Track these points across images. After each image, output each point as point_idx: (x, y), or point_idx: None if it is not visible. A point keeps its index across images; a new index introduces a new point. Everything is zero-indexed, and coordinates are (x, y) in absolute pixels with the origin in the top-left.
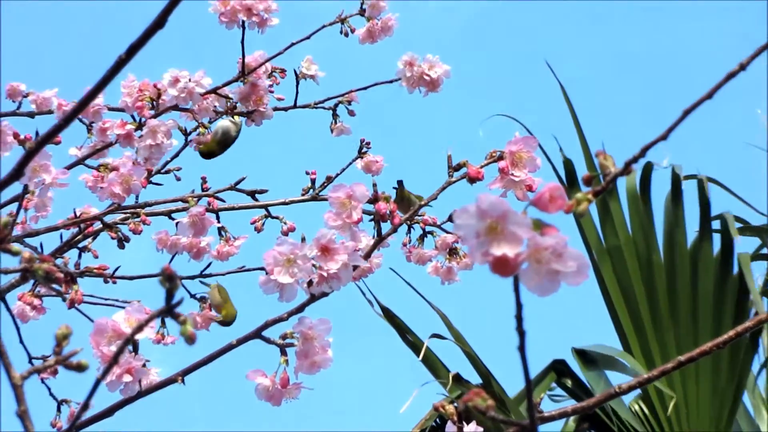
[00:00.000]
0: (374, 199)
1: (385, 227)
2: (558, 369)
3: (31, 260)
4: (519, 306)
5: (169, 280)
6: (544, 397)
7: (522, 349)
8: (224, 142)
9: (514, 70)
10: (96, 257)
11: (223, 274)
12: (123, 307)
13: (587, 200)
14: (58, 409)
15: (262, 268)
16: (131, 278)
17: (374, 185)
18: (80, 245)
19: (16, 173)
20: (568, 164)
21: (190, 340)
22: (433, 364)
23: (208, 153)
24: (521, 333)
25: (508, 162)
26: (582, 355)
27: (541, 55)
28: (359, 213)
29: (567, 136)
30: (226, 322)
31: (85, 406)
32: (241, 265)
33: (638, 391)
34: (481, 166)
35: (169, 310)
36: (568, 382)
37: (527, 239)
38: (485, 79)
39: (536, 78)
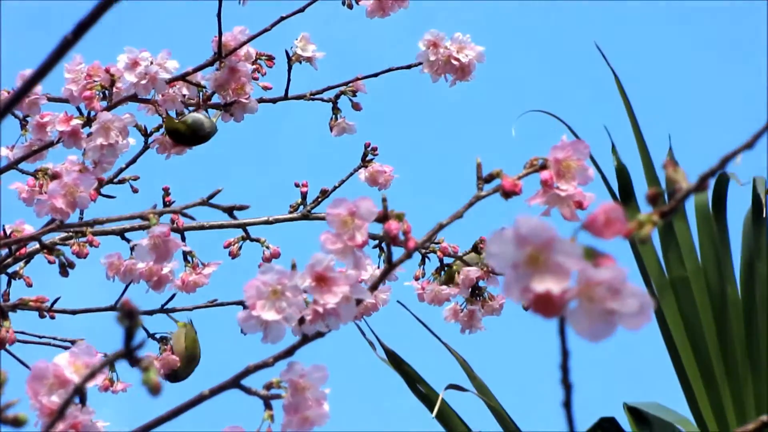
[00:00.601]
0: (383, 218)
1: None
2: (606, 429)
3: None
4: (565, 354)
5: (129, 316)
6: None
7: (568, 405)
8: (194, 130)
9: (554, 56)
10: (29, 285)
11: (189, 309)
12: (62, 347)
13: (652, 223)
14: None
15: (241, 303)
16: (73, 312)
17: (384, 200)
18: (10, 270)
19: None
20: (623, 173)
21: (155, 390)
22: (450, 420)
23: (173, 132)
24: (567, 386)
25: (552, 172)
26: (635, 413)
27: (589, 39)
28: (364, 234)
29: (620, 139)
30: (179, 374)
31: None
32: (213, 298)
33: None
34: (519, 177)
35: (128, 354)
36: None
37: (577, 272)
38: (518, 68)
39: (581, 67)
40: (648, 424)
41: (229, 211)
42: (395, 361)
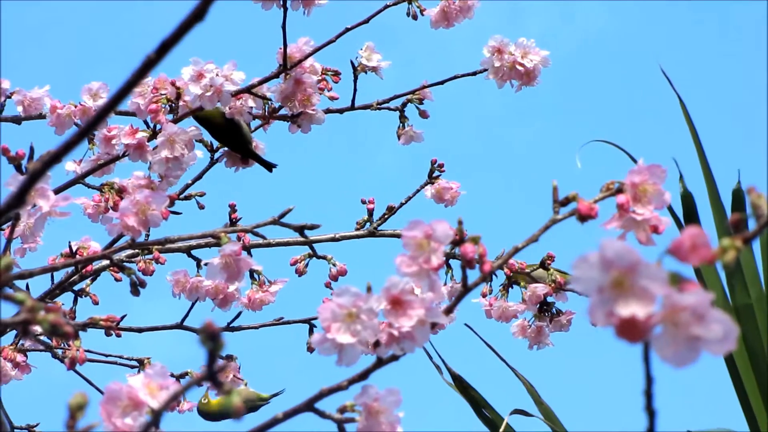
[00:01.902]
0: (459, 240)
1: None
2: None
3: (34, 309)
4: (649, 380)
5: (212, 339)
6: None
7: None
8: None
9: (617, 85)
10: (96, 303)
11: (255, 327)
12: (129, 366)
13: (735, 248)
14: None
15: (308, 321)
16: (140, 330)
17: (459, 223)
18: (76, 288)
19: (17, 201)
20: (688, 200)
21: (238, 413)
22: None
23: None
24: (651, 413)
25: (629, 196)
26: None
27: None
28: (440, 257)
29: (682, 165)
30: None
31: None
32: (279, 316)
33: None
34: (595, 201)
35: (210, 376)
36: None
37: (662, 297)
38: (579, 97)
39: (645, 93)
40: None
41: (300, 230)
42: (461, 385)
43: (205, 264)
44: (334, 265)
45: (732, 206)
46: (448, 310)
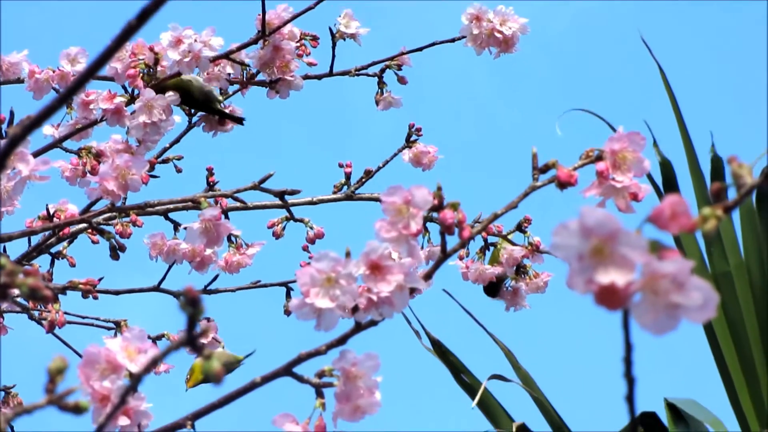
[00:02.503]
0: (438, 207)
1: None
2: (647, 424)
3: (13, 273)
4: (628, 347)
5: (192, 304)
6: None
7: (630, 399)
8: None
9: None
10: (73, 265)
11: (232, 290)
12: (105, 328)
13: (716, 217)
14: None
15: (285, 284)
16: (117, 293)
17: (439, 188)
18: (53, 250)
19: None
20: (667, 167)
21: (217, 379)
22: (492, 410)
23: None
24: (630, 380)
25: (608, 163)
26: (674, 409)
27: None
28: (419, 223)
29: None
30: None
31: None
32: (256, 279)
33: None
34: (574, 168)
35: (190, 341)
36: None
37: (642, 265)
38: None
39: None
40: (684, 422)
41: (281, 195)
42: (440, 350)
43: (183, 227)
44: (311, 228)
45: (711, 174)
46: (427, 276)
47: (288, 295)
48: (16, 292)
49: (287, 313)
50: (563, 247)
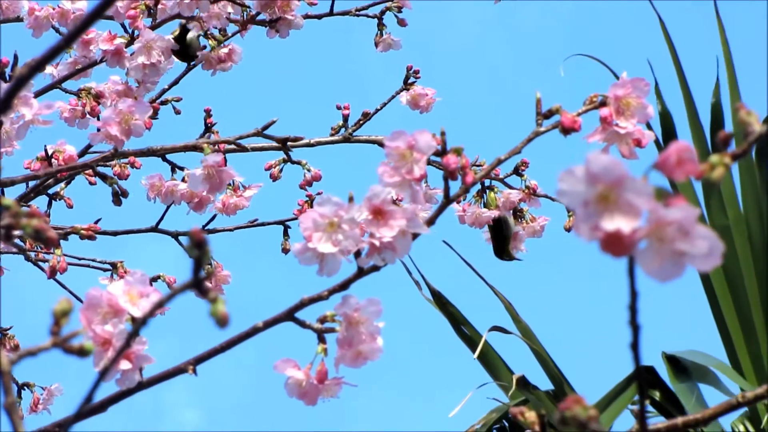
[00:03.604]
0: (442, 152)
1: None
2: (644, 378)
3: (17, 214)
4: (634, 294)
5: (199, 246)
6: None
7: (635, 346)
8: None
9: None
10: (70, 207)
11: (230, 230)
12: (102, 269)
13: (723, 165)
14: (19, 395)
15: (282, 222)
16: (114, 233)
17: (443, 134)
18: (50, 191)
19: (2, 108)
20: (666, 118)
21: (223, 322)
22: (492, 362)
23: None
24: (635, 327)
25: (612, 109)
26: (673, 362)
27: None
28: (423, 168)
29: (662, 86)
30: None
31: (89, 400)
32: (254, 218)
33: (744, 408)
34: (578, 114)
35: (197, 284)
36: (657, 395)
37: (647, 212)
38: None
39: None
40: (686, 373)
41: (283, 142)
42: (440, 301)
43: (180, 169)
44: (308, 170)
45: (711, 125)
46: (430, 221)
47: (285, 233)
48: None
49: (285, 251)
50: (569, 193)
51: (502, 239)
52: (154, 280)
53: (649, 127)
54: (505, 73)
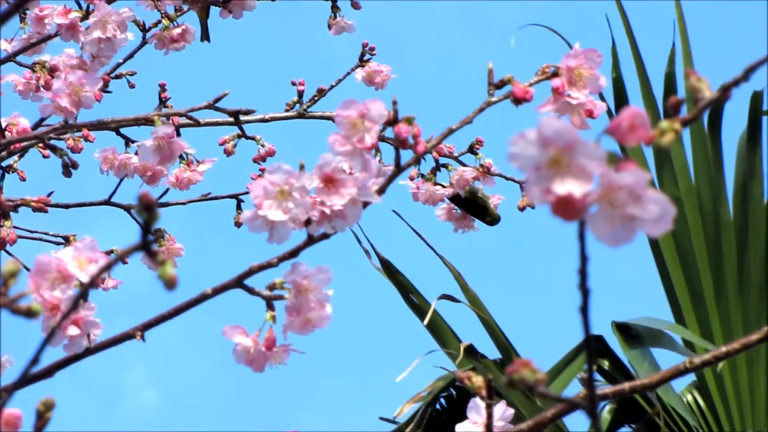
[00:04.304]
0: (393, 121)
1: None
2: (594, 345)
3: None
4: (584, 259)
5: (147, 209)
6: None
7: (585, 310)
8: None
9: None
10: (23, 180)
11: (183, 203)
12: (55, 243)
13: (673, 131)
14: None
15: (235, 196)
16: (66, 206)
17: (394, 103)
18: (3, 164)
19: None
20: (619, 84)
21: (171, 284)
22: (441, 331)
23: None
24: (585, 291)
25: (564, 80)
26: (624, 330)
27: None
28: (374, 137)
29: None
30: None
31: (34, 362)
32: (207, 192)
33: (692, 377)
34: (530, 84)
35: (144, 247)
36: (606, 364)
37: (599, 176)
38: None
39: None
40: (638, 340)
41: (235, 115)
42: (389, 270)
43: (133, 142)
44: (262, 146)
45: (664, 93)
46: (380, 190)
47: (238, 207)
48: None
49: (237, 225)
50: (520, 157)
51: (480, 209)
52: (107, 254)
53: (601, 98)
54: (459, 46)
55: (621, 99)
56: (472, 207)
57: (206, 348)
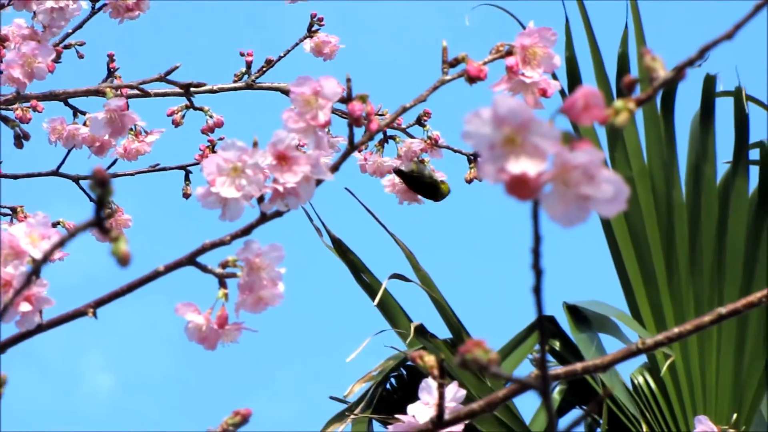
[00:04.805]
0: (347, 98)
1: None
2: (546, 326)
3: None
4: (537, 238)
5: (101, 185)
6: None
7: (537, 290)
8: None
9: None
10: None
11: (131, 174)
12: (3, 214)
13: (628, 110)
14: None
15: (183, 167)
16: (14, 177)
17: (348, 80)
18: None
19: None
20: (572, 63)
21: (124, 261)
22: (391, 310)
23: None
24: (538, 272)
25: (518, 59)
26: (574, 312)
27: None
28: (327, 114)
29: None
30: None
31: None
32: (155, 163)
33: (643, 358)
34: (484, 63)
35: (98, 223)
36: (557, 344)
37: (553, 155)
38: None
39: None
40: (587, 323)
41: (186, 88)
42: (340, 248)
43: (82, 113)
44: (211, 116)
45: (617, 74)
46: (334, 167)
47: (187, 179)
48: None
49: (186, 196)
50: (475, 135)
51: (426, 186)
52: (54, 225)
53: (554, 77)
54: (413, 22)
55: (574, 78)
56: (418, 184)
57: (162, 332)
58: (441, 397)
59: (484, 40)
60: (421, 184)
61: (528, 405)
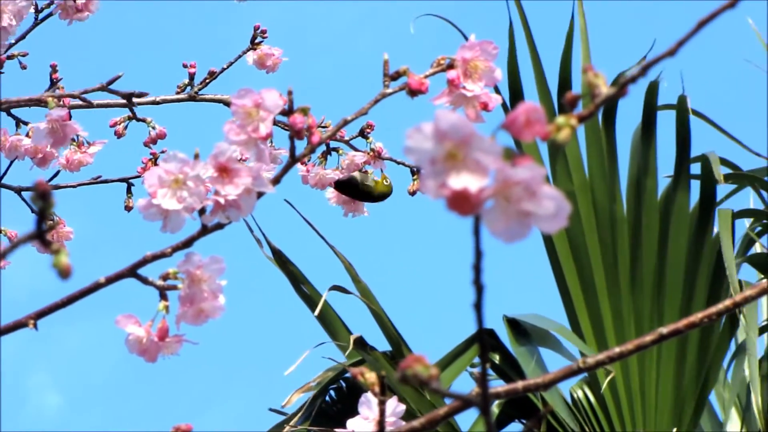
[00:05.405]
0: (289, 111)
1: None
2: (487, 341)
3: None
4: (479, 254)
5: (43, 197)
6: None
7: (479, 306)
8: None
9: None
10: None
11: (73, 186)
12: None
13: (570, 127)
14: None
15: (125, 180)
16: None
17: (290, 93)
18: None
19: None
20: (514, 77)
21: (65, 273)
22: (331, 322)
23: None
24: (479, 287)
25: (459, 72)
26: (514, 326)
27: None
28: (269, 126)
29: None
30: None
31: None
32: (97, 175)
33: (584, 373)
34: (426, 76)
35: (39, 236)
36: (497, 358)
37: (495, 171)
38: None
39: None
40: (527, 336)
41: (128, 98)
42: (281, 260)
43: (25, 123)
44: (153, 128)
45: (558, 89)
46: (275, 180)
47: (129, 191)
48: None
49: (128, 209)
50: (416, 150)
51: (361, 192)
52: None
53: (496, 90)
54: (357, 36)
55: (516, 92)
56: (354, 191)
57: (109, 349)
58: (382, 414)
59: (428, 52)
60: (357, 192)
61: (466, 415)
